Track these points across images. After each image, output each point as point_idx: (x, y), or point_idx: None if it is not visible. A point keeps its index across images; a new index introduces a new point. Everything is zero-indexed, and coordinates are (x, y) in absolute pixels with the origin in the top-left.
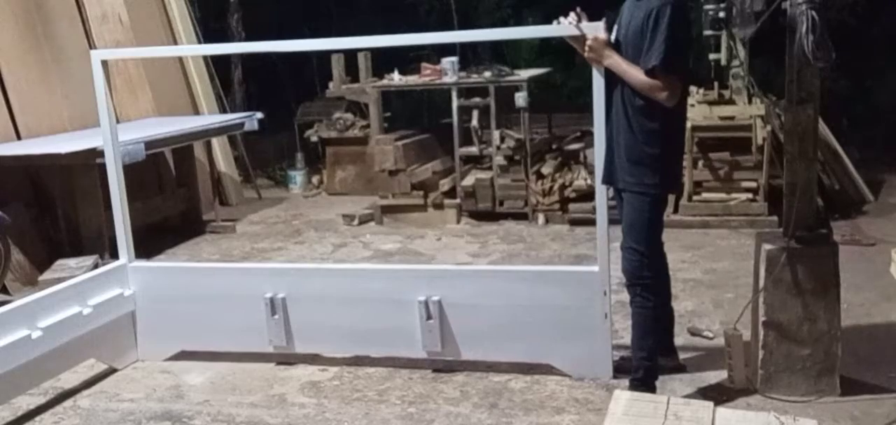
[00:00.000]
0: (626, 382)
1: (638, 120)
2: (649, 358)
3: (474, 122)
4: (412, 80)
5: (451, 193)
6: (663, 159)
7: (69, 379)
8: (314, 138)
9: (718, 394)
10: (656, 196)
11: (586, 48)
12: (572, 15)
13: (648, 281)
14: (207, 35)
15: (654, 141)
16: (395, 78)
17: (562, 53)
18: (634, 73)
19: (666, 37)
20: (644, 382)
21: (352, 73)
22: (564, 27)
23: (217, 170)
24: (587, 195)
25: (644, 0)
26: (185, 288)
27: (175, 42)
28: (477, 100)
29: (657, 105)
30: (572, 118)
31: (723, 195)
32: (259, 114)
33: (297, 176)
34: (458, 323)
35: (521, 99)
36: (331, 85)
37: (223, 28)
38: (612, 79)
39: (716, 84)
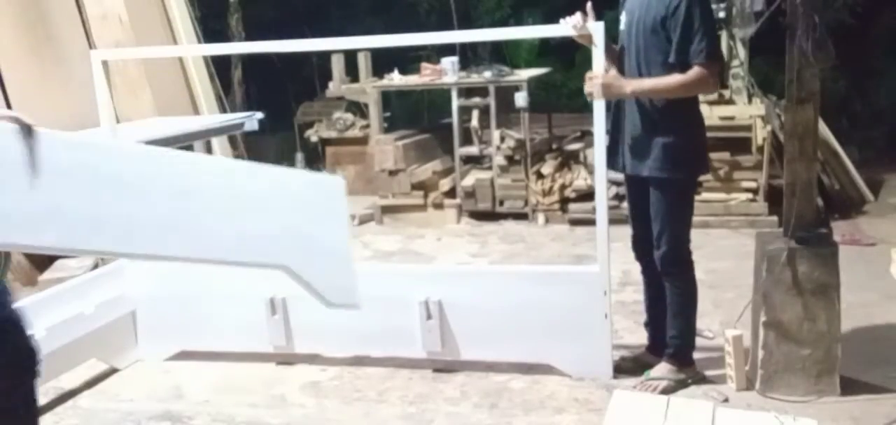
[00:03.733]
0: (626, 382)
1: (670, 116)
2: (691, 336)
3: (474, 122)
4: (412, 80)
5: (451, 193)
6: (696, 144)
7: (69, 379)
8: (314, 138)
9: (718, 394)
10: (694, 181)
11: (601, 88)
12: (579, 15)
13: (687, 262)
14: (207, 35)
15: (689, 130)
16: (395, 78)
17: (562, 53)
18: (667, 83)
19: (704, 30)
20: (687, 360)
21: (352, 73)
22: (566, 27)
23: None
24: (587, 195)
25: None
26: (185, 288)
27: (175, 42)
28: (477, 100)
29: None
30: (572, 118)
31: (723, 195)
32: (259, 114)
33: None
34: (458, 324)
35: (521, 99)
36: (331, 85)
37: (223, 28)
38: (624, 67)
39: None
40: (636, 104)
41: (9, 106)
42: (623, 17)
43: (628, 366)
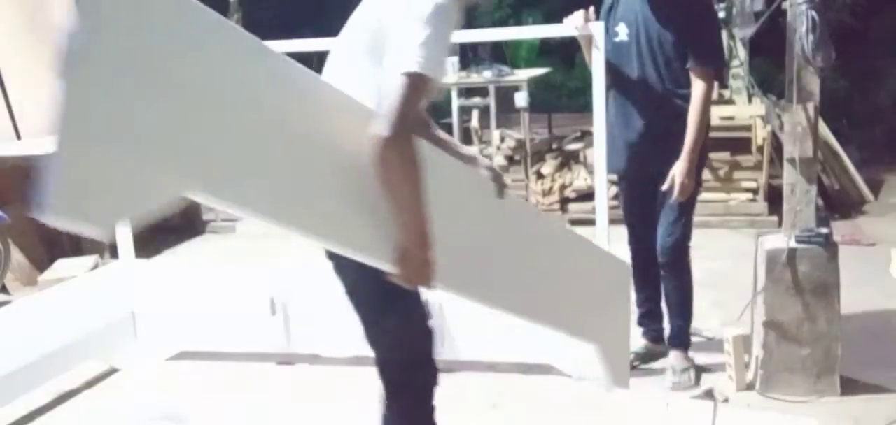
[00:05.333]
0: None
1: (683, 110)
2: (689, 324)
3: (474, 122)
4: None
5: None
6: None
7: (69, 380)
8: None
9: (718, 394)
10: (702, 170)
11: (685, 185)
12: (581, 14)
13: (688, 253)
14: None
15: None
16: None
17: (562, 53)
18: (696, 117)
19: (717, 36)
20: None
21: None
22: (568, 26)
23: None
24: (587, 195)
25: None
26: (185, 288)
27: None
28: (477, 100)
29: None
30: (572, 118)
31: (723, 195)
32: None
33: None
34: (459, 323)
35: (521, 99)
36: None
37: None
38: (623, 75)
39: (716, 84)
40: (648, 102)
41: (9, 106)
42: (622, 28)
43: (640, 362)
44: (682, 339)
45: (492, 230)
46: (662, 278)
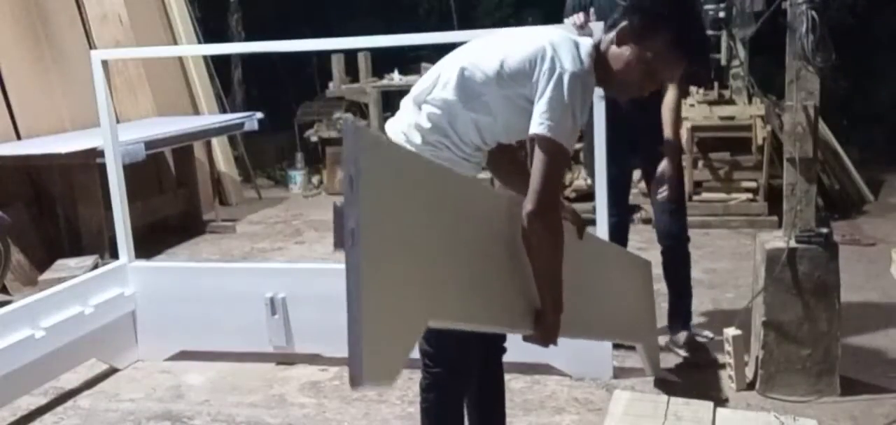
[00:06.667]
0: (626, 382)
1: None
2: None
3: None
4: (412, 80)
5: None
6: None
7: (69, 380)
8: (314, 138)
9: (718, 394)
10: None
11: (669, 187)
12: (578, 16)
13: (687, 231)
14: (207, 35)
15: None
16: (395, 78)
17: None
18: (671, 106)
19: None
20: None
21: (352, 73)
22: (569, 25)
23: (217, 170)
24: (587, 195)
25: None
26: (185, 288)
27: (175, 42)
28: None
29: None
30: None
31: (723, 195)
32: (259, 115)
33: (297, 176)
34: None
35: None
36: (331, 85)
37: (223, 28)
38: None
39: (716, 84)
40: (649, 111)
41: (9, 106)
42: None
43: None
44: (687, 319)
45: (579, 270)
46: (666, 265)
